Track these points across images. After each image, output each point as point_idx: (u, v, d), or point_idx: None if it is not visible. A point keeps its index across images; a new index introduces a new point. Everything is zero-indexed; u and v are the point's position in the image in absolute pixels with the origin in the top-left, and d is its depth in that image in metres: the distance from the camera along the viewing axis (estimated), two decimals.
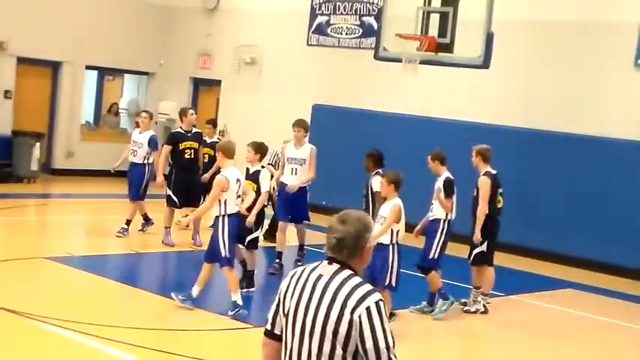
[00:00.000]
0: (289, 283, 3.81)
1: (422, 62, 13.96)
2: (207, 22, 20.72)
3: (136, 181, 13.13)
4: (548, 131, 15.28)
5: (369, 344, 3.55)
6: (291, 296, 3.76)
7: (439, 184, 10.32)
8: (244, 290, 10.00)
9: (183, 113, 13.27)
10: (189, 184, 13.00)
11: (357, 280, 3.68)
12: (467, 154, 11.00)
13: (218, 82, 20.59)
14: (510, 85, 15.88)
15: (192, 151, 13.02)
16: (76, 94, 20.25)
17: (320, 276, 3.73)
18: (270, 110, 19.39)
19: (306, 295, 3.71)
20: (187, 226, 10.81)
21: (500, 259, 14.14)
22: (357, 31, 18.10)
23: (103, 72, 21.77)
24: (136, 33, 20.86)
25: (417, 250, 10.52)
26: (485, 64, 13.14)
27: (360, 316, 3.57)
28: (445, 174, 10.38)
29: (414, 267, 10.47)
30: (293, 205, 11.91)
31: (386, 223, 9.00)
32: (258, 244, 10.70)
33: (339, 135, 15.61)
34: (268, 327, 3.90)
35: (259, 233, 10.60)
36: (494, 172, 10.78)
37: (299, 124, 12.14)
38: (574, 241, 14.83)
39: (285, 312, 3.78)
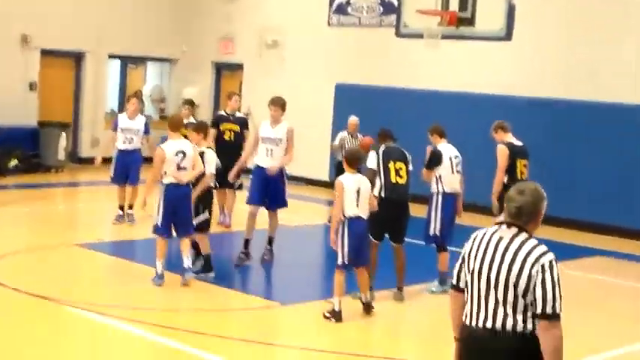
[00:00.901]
0: (472, 245, 4.61)
1: (444, 37, 13.98)
2: (227, 6, 20.73)
3: (137, 166, 13.20)
4: (577, 100, 15.17)
5: (539, 293, 4.34)
6: (475, 256, 4.55)
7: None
8: (202, 274, 9.93)
9: (228, 97, 13.68)
10: (227, 166, 13.05)
11: (533, 242, 4.47)
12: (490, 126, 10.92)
13: (241, 66, 20.62)
14: (534, 56, 15.74)
15: (233, 133, 13.14)
16: (100, 83, 20.39)
17: (500, 238, 4.52)
18: (294, 91, 19.32)
19: (490, 254, 4.52)
20: (145, 204, 10.21)
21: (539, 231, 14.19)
22: (377, 9, 18.04)
23: (126, 60, 21.86)
24: (157, 20, 20.93)
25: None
26: (507, 36, 13.16)
27: (537, 271, 4.37)
28: (439, 146, 10.13)
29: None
30: (269, 190, 10.99)
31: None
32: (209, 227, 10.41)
33: (363, 113, 15.56)
34: (454, 282, 4.75)
35: (207, 216, 10.19)
36: (518, 143, 10.65)
37: (275, 102, 11.37)
38: (605, 208, 14.74)
39: (471, 269, 4.57)
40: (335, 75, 18.48)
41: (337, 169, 15.00)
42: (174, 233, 9.83)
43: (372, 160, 9.59)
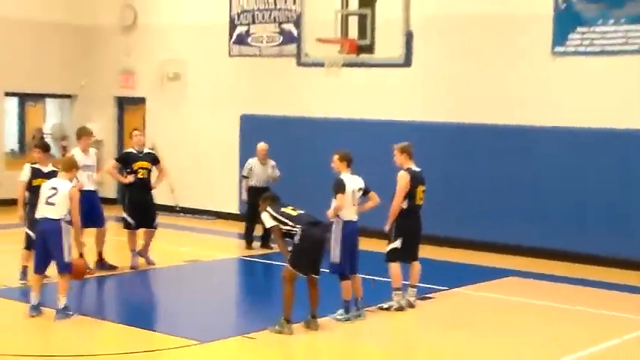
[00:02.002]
0: None
1: (344, 65, 14.16)
2: (126, 39, 20.55)
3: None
4: (473, 124, 15.56)
5: None
6: None
7: None
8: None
9: (130, 135, 13.56)
10: (143, 203, 13.06)
11: None
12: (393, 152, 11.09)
13: (143, 100, 20.44)
14: (433, 82, 16.07)
15: (146, 170, 13.07)
16: None
17: None
18: (198, 123, 19.36)
19: None
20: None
21: (440, 253, 14.47)
22: (277, 38, 18.16)
23: (24, 98, 21.41)
24: (55, 56, 20.58)
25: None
26: (406, 62, 13.43)
27: None
28: (342, 175, 10.32)
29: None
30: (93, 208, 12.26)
31: None
32: None
33: (270, 143, 15.65)
34: None
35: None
36: (416, 169, 10.87)
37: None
38: (509, 229, 15.12)
39: None
40: (239, 106, 18.49)
41: (249, 195, 15.02)
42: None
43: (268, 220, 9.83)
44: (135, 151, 13.23)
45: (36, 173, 11.45)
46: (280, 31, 18.09)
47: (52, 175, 11.27)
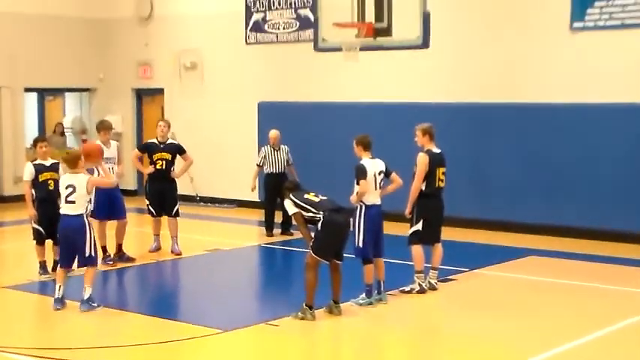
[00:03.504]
0: None
1: (362, 49, 14.01)
2: (143, 31, 20.54)
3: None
4: (492, 103, 15.44)
5: None
6: None
7: None
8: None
9: (157, 125, 13.52)
10: (162, 193, 13.23)
11: None
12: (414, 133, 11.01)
13: (161, 91, 20.43)
14: (452, 62, 15.99)
15: (164, 161, 13.17)
16: (18, 117, 19.96)
17: None
18: (216, 112, 19.33)
19: None
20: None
21: (460, 234, 14.38)
22: (294, 24, 18.07)
23: (43, 93, 21.48)
24: (73, 50, 20.61)
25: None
26: (424, 44, 13.25)
27: None
28: (363, 159, 10.26)
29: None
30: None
31: None
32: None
33: (289, 129, 15.59)
34: None
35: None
36: (437, 150, 10.77)
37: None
38: (530, 207, 15.03)
39: None
40: (257, 93, 18.45)
41: (265, 183, 15.04)
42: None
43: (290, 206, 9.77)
44: (156, 142, 13.33)
45: (39, 169, 11.50)
46: (297, 16, 18.01)
47: (55, 166, 11.53)
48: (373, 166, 10.22)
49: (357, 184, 10.11)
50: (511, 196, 15.25)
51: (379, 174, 10.25)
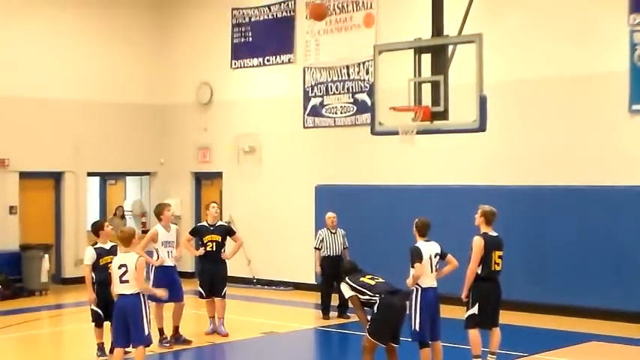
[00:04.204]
0: None
1: (419, 132, 14.06)
2: (202, 116, 20.94)
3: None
4: (552, 186, 15.30)
5: None
6: None
7: None
8: None
9: (206, 207, 13.98)
10: (212, 275, 13.36)
11: None
12: (472, 216, 10.96)
13: (219, 174, 20.69)
14: (509, 145, 15.93)
15: (214, 243, 13.32)
16: (80, 201, 20.36)
17: None
18: (274, 196, 19.47)
19: None
20: None
21: (520, 318, 14.10)
22: (351, 108, 18.27)
23: (105, 177, 21.91)
24: (134, 135, 21.08)
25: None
26: (481, 126, 13.22)
27: None
28: (418, 242, 10.27)
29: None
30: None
31: None
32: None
33: (345, 212, 15.62)
34: None
35: None
36: (493, 234, 10.71)
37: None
38: (592, 291, 14.69)
39: None
40: (314, 176, 18.57)
41: (324, 265, 14.99)
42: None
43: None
44: (207, 225, 13.53)
45: (100, 253, 11.68)
46: (354, 101, 18.21)
47: (114, 249, 11.63)
48: (429, 248, 10.18)
49: (413, 266, 10.06)
50: (571, 279, 14.95)
51: (435, 256, 10.19)
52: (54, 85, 19.68)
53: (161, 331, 12.56)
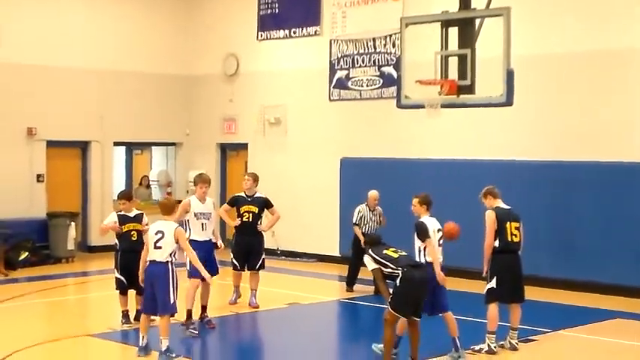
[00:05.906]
0: None
1: (444, 106, 13.99)
2: (228, 87, 20.97)
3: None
4: (578, 161, 15.20)
5: None
6: None
7: None
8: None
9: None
10: (248, 246, 13.31)
11: None
12: (502, 190, 10.94)
13: (245, 146, 20.74)
14: (535, 120, 15.85)
15: (251, 214, 13.24)
16: (106, 170, 20.51)
17: None
18: (299, 168, 19.50)
19: None
20: None
21: (543, 294, 14.09)
22: (377, 81, 18.22)
23: (131, 146, 22.04)
24: (160, 105, 21.17)
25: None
26: (508, 101, 13.13)
27: None
28: (423, 218, 10.30)
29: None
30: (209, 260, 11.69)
31: None
32: None
33: (370, 185, 15.61)
34: None
35: None
36: (505, 206, 10.71)
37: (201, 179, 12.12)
38: (616, 268, 14.65)
39: None
40: (339, 149, 18.58)
41: (354, 245, 14.90)
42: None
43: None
44: (244, 195, 13.39)
45: (123, 220, 11.70)
46: (380, 74, 18.16)
47: (139, 217, 11.67)
48: (432, 224, 10.23)
49: (423, 241, 10.09)
50: (595, 255, 14.90)
51: (437, 231, 10.24)
52: (82, 55, 19.78)
53: (189, 314, 11.74)
